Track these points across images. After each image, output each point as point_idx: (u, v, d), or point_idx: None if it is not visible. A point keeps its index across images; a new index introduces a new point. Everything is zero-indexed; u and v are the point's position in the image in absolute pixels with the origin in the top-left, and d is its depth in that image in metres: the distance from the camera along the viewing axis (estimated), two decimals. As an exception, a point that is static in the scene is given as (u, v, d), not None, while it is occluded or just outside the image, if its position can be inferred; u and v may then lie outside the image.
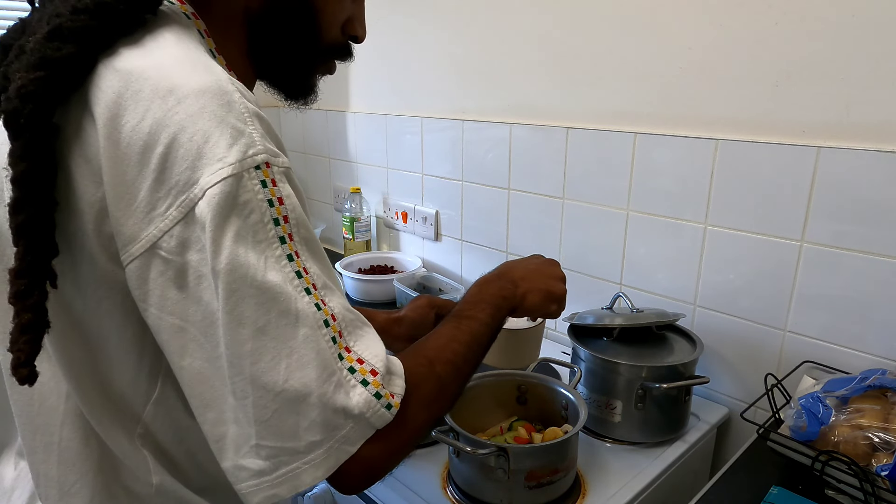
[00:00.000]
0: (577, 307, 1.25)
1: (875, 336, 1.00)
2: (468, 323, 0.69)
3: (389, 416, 0.53)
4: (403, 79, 1.78)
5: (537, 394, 1.05)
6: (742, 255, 1.13)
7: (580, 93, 1.33)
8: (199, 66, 0.52)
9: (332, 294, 0.53)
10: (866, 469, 0.79)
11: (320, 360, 0.50)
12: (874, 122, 0.95)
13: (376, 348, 0.55)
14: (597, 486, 0.96)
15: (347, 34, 0.70)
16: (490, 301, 0.74)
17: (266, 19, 0.63)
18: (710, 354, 1.20)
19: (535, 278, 0.82)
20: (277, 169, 0.51)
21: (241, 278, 0.48)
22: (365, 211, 1.95)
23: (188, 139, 0.48)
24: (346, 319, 0.53)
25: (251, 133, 0.50)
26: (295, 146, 2.32)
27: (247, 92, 0.53)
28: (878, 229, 0.96)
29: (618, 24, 1.24)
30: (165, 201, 0.48)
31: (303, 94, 0.73)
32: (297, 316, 0.49)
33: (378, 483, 0.96)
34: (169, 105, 0.49)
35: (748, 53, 1.07)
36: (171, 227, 0.48)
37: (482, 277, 0.81)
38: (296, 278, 0.50)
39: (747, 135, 1.09)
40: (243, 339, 0.48)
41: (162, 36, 0.54)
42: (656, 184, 1.23)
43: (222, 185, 0.47)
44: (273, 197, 0.50)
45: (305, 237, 0.53)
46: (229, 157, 0.48)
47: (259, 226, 0.49)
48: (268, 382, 0.49)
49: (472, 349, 0.67)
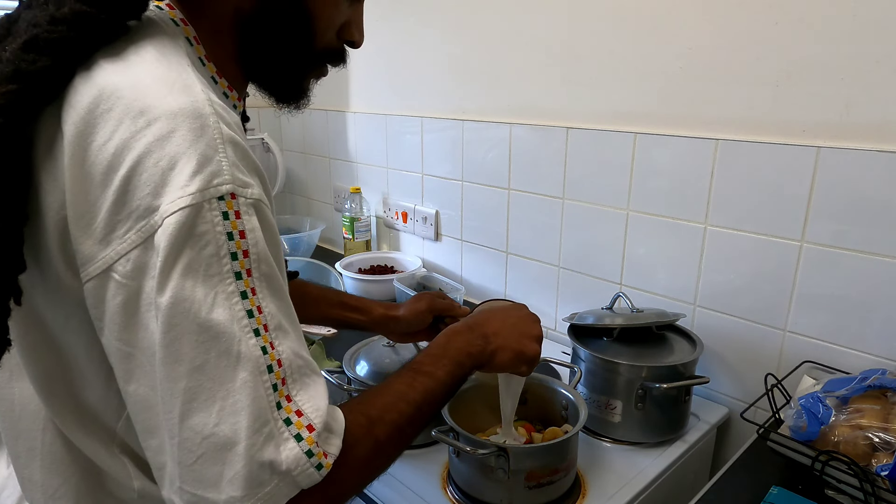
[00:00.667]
0: (577, 307, 1.25)
1: (875, 336, 1.00)
2: (423, 381, 0.66)
3: (318, 476, 0.50)
4: (403, 79, 1.78)
5: (537, 394, 1.05)
6: (742, 255, 1.13)
7: (580, 93, 1.33)
8: (178, 87, 0.50)
9: (284, 337, 0.51)
10: (866, 469, 0.79)
11: (255, 407, 0.47)
12: (874, 122, 0.95)
13: (319, 400, 0.52)
14: (597, 486, 0.96)
15: (343, 39, 0.68)
16: (453, 357, 0.71)
17: (258, 22, 0.61)
18: (710, 354, 1.20)
19: (508, 335, 0.79)
20: (244, 200, 0.49)
21: (183, 314, 0.46)
22: (365, 211, 1.95)
23: (153, 164, 0.47)
24: (294, 366, 0.51)
25: (220, 161, 0.48)
26: (295, 146, 2.33)
27: (228, 115, 0.52)
28: (878, 229, 0.96)
29: (618, 24, 1.24)
30: (125, 224, 0.47)
31: (294, 98, 0.70)
32: (238, 358, 0.47)
33: (378, 483, 0.97)
34: (138, 126, 0.47)
35: (748, 53, 1.07)
36: (128, 251, 0.47)
37: (454, 325, 0.78)
38: (245, 317, 0.48)
39: (747, 135, 1.09)
40: (178, 376, 0.47)
41: (144, 49, 0.53)
42: (656, 184, 1.23)
43: (179, 216, 0.46)
44: (234, 230, 0.48)
45: (266, 273, 0.50)
46: (191, 186, 0.46)
47: (213, 259, 0.47)
48: (197, 424, 0.47)
49: (421, 410, 0.64)
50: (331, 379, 1.05)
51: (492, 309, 0.83)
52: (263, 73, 0.67)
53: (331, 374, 1.06)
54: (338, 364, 1.20)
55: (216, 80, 0.62)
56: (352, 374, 1.04)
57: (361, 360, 1.07)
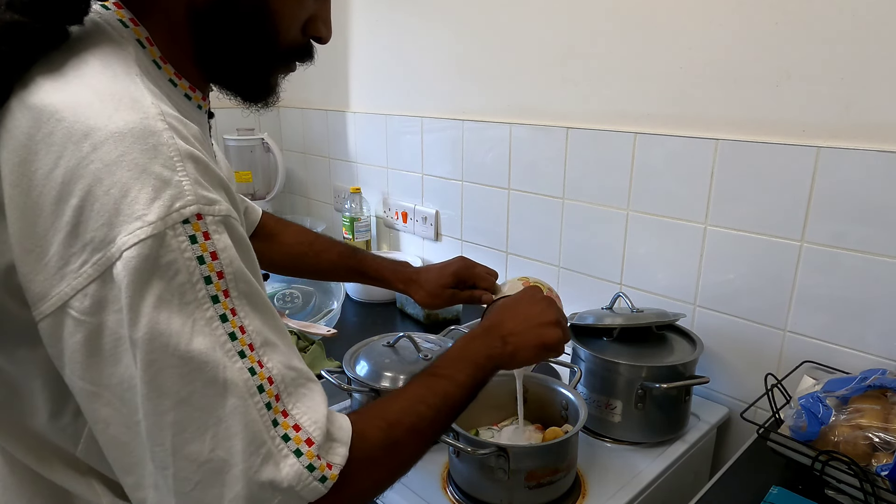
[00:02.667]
0: (577, 307, 1.25)
1: (875, 336, 1.00)
2: (442, 383, 0.64)
3: (323, 489, 0.49)
4: (403, 79, 1.78)
5: (537, 394, 1.05)
6: (742, 255, 1.13)
7: (580, 93, 1.33)
8: (124, 102, 0.47)
9: (272, 351, 0.49)
10: (866, 469, 0.79)
11: (248, 431, 0.46)
12: (874, 122, 0.95)
13: (316, 412, 0.51)
14: (597, 486, 0.96)
15: (309, 34, 0.64)
16: (472, 360, 0.69)
17: (213, 19, 0.57)
18: (710, 354, 1.20)
19: (525, 332, 0.76)
20: (212, 219, 0.46)
21: (162, 348, 0.44)
22: (365, 211, 1.95)
23: (104, 192, 0.43)
24: (287, 379, 0.50)
25: (180, 181, 0.45)
26: (295, 146, 2.33)
27: (184, 127, 0.49)
28: (878, 229, 0.96)
29: (618, 24, 1.24)
30: (80, 257, 0.44)
31: (261, 96, 0.65)
32: (224, 385, 0.46)
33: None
34: (83, 152, 0.44)
35: (748, 53, 1.07)
36: (85, 286, 0.44)
37: (470, 332, 0.76)
38: (228, 341, 0.46)
39: (747, 135, 1.09)
40: (164, 410, 0.45)
41: (85, 61, 0.49)
42: (656, 184, 1.23)
43: (140, 248, 0.43)
44: (204, 252, 0.46)
45: (245, 291, 0.49)
46: (149, 214, 0.44)
47: (187, 286, 0.45)
48: (191, 453, 0.46)
49: (441, 413, 0.62)
50: (331, 379, 1.05)
51: (504, 306, 0.80)
52: (223, 73, 0.62)
53: (331, 374, 1.06)
54: (338, 364, 1.20)
55: (175, 82, 0.59)
56: (352, 374, 1.04)
57: (361, 360, 1.07)
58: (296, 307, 1.50)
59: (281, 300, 1.51)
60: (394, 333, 1.13)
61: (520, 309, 0.79)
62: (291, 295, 1.53)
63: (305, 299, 1.53)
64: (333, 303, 1.47)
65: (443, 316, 1.53)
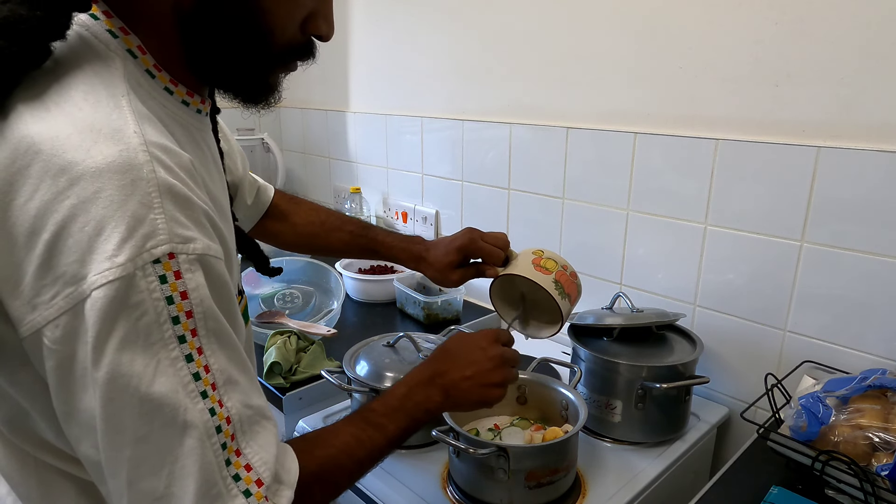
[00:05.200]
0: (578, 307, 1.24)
1: (875, 336, 1.00)
2: (373, 435, 0.66)
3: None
4: (403, 79, 1.78)
5: (537, 394, 1.05)
6: (742, 255, 1.13)
7: (580, 93, 1.33)
8: (104, 133, 0.46)
9: (233, 390, 0.50)
10: (866, 469, 0.79)
11: (203, 472, 0.47)
12: (874, 122, 0.95)
13: (268, 452, 0.52)
14: (597, 486, 0.96)
15: (309, 32, 0.61)
16: (410, 413, 0.71)
17: (201, 21, 0.55)
18: (710, 354, 1.20)
19: (469, 390, 0.76)
20: (186, 258, 0.46)
21: (122, 389, 0.45)
22: (365, 211, 1.95)
23: (79, 229, 0.44)
24: (243, 417, 0.51)
25: (154, 219, 0.45)
26: (295, 146, 2.33)
27: (169, 156, 0.48)
28: (878, 229, 0.96)
29: (618, 24, 1.24)
30: (51, 290, 0.44)
31: (260, 97, 0.63)
32: (184, 426, 0.46)
33: (378, 483, 0.97)
34: (59, 187, 0.44)
35: (748, 53, 1.07)
36: (56, 317, 0.45)
37: (417, 376, 0.76)
38: (192, 382, 0.47)
39: (747, 135, 1.09)
40: (121, 446, 0.46)
41: (68, 86, 0.48)
42: (656, 184, 1.23)
43: (107, 289, 0.43)
44: (174, 292, 0.46)
45: (214, 329, 0.49)
46: (120, 256, 0.44)
47: (153, 327, 0.45)
48: (146, 488, 0.46)
49: (363, 466, 0.65)
50: (331, 379, 1.05)
51: (456, 354, 0.79)
52: (217, 75, 0.60)
53: (331, 374, 1.06)
54: (338, 364, 1.20)
55: (171, 90, 0.57)
56: (352, 374, 1.04)
57: (361, 360, 1.07)
58: (296, 307, 1.50)
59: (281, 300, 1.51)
60: (394, 333, 1.13)
61: (471, 358, 0.78)
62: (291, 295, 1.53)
63: (305, 299, 1.53)
64: (333, 303, 1.47)
65: (443, 316, 1.53)
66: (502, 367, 0.79)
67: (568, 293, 0.92)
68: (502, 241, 0.98)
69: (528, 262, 0.92)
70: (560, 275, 0.91)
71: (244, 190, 0.98)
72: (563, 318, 0.91)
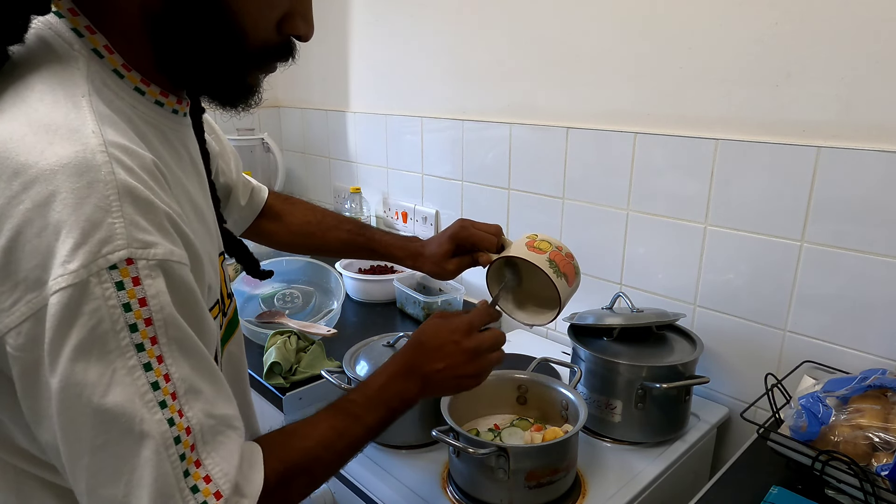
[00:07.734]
0: (578, 307, 1.25)
1: (875, 336, 1.00)
2: (351, 427, 0.65)
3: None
4: (403, 79, 1.78)
5: (537, 394, 1.05)
6: (742, 255, 1.13)
7: (580, 93, 1.33)
8: (61, 133, 0.44)
9: (195, 399, 0.49)
10: (866, 469, 0.79)
11: (159, 484, 0.46)
12: (874, 122, 0.95)
13: (229, 463, 0.51)
14: (597, 486, 0.96)
15: (287, 32, 0.59)
16: (387, 403, 0.70)
17: (169, 22, 0.53)
18: (710, 354, 1.20)
19: (444, 381, 0.75)
20: (146, 263, 0.45)
21: (76, 398, 0.44)
22: (365, 211, 1.95)
23: (35, 234, 0.43)
24: (206, 428, 0.50)
25: (112, 223, 0.44)
26: (295, 146, 2.33)
27: (130, 157, 0.47)
28: (878, 229, 0.96)
29: (618, 24, 1.24)
30: (11, 296, 0.44)
31: (238, 99, 0.61)
32: (141, 436, 0.46)
33: (378, 482, 0.97)
34: (13, 191, 0.43)
35: (748, 53, 1.07)
36: (18, 324, 0.44)
37: (393, 366, 0.74)
38: (150, 391, 0.46)
39: (747, 135, 1.09)
40: (79, 454, 0.46)
41: (26, 86, 0.47)
42: (656, 184, 1.23)
43: (60, 296, 0.42)
44: (132, 299, 0.44)
45: (176, 337, 0.48)
46: (73, 262, 0.42)
47: (109, 335, 0.44)
48: (105, 495, 0.46)
49: (341, 457, 0.64)
50: (331, 379, 1.05)
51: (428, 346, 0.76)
52: (188, 77, 0.58)
53: (331, 374, 1.06)
54: (338, 364, 1.20)
55: (142, 90, 0.56)
56: (352, 374, 1.04)
57: (361, 360, 1.07)
58: (296, 307, 1.50)
59: (281, 300, 1.51)
60: (394, 333, 1.13)
61: (445, 351, 0.75)
62: (291, 295, 1.53)
63: (305, 299, 1.53)
64: (333, 303, 1.47)
65: (443, 316, 1.53)
66: (477, 360, 0.76)
67: (564, 272, 0.88)
68: (494, 228, 0.97)
69: (522, 244, 0.90)
70: (555, 254, 0.89)
71: (237, 191, 0.98)
72: (560, 299, 0.87)
